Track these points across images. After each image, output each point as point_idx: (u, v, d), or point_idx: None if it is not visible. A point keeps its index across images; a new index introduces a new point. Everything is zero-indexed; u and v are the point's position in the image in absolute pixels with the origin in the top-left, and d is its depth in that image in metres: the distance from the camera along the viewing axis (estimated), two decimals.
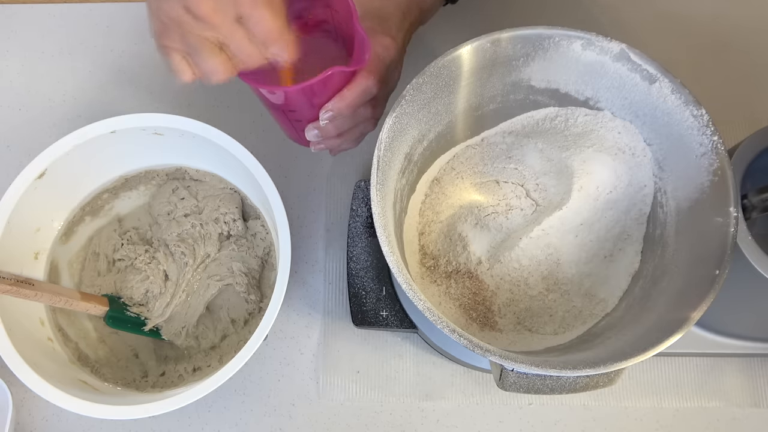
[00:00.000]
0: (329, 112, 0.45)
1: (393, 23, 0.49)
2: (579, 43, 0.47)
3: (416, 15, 0.52)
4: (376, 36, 0.47)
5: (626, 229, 0.50)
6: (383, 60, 0.46)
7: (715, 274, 0.41)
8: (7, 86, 0.68)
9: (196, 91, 0.67)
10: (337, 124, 0.47)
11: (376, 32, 0.47)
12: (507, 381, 0.42)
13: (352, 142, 0.50)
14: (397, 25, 0.49)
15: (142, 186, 0.60)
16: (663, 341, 0.40)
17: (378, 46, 0.46)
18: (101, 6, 0.71)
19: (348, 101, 0.45)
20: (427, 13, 0.54)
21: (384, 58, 0.46)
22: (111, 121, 0.53)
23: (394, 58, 0.47)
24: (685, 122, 0.45)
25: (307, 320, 0.61)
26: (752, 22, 0.70)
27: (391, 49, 0.47)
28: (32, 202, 0.53)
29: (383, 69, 0.46)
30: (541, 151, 0.52)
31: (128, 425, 0.59)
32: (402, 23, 0.50)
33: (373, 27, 0.47)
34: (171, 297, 0.57)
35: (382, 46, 0.47)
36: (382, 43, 0.47)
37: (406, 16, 0.50)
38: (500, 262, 0.50)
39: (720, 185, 0.43)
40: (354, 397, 0.59)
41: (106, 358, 0.56)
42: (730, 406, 0.59)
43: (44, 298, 0.51)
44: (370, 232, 0.59)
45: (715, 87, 0.66)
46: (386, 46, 0.47)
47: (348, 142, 0.50)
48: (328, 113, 0.45)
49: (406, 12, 0.50)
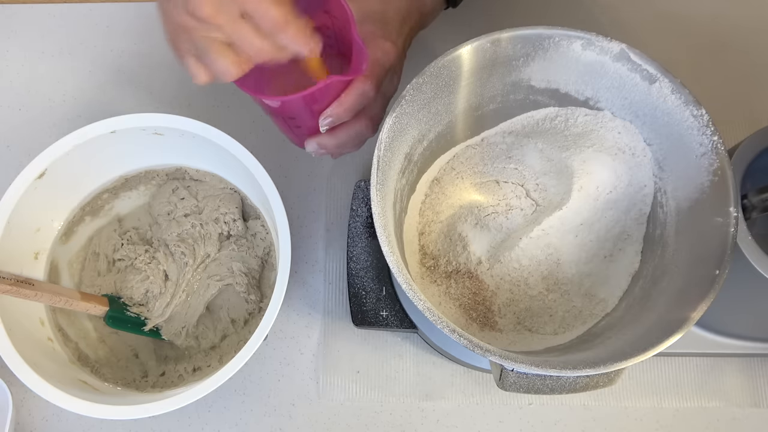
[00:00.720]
0: (329, 118, 0.45)
1: (393, 28, 0.49)
2: (579, 43, 0.47)
3: (416, 19, 0.52)
4: (377, 40, 0.47)
5: (626, 229, 0.50)
6: (383, 65, 0.47)
7: (715, 274, 0.41)
8: (7, 86, 0.68)
9: (196, 91, 0.67)
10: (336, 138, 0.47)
11: (376, 36, 0.47)
12: (507, 381, 0.42)
13: (353, 147, 0.50)
14: (398, 30, 0.49)
15: (142, 186, 0.60)
16: (663, 341, 0.40)
17: (378, 51, 0.46)
18: (101, 6, 0.71)
19: (346, 106, 0.45)
20: (427, 17, 0.54)
21: (383, 62, 0.47)
22: (111, 121, 0.53)
23: (393, 62, 0.47)
24: (685, 122, 0.45)
25: (307, 320, 0.61)
26: (752, 22, 0.70)
27: (391, 53, 0.47)
28: (32, 202, 0.53)
29: (382, 73, 0.46)
30: (541, 151, 0.52)
31: (128, 425, 0.59)
32: (402, 28, 0.50)
33: (373, 31, 0.47)
34: (171, 297, 0.57)
35: (382, 50, 0.47)
36: (382, 47, 0.47)
37: (406, 21, 0.50)
38: (500, 262, 0.50)
39: (720, 185, 0.43)
40: (354, 397, 0.59)
41: (106, 358, 0.56)
42: (730, 406, 0.59)
43: (44, 298, 0.51)
44: (370, 232, 0.59)
45: (715, 87, 0.66)
46: (386, 50, 0.47)
47: (348, 148, 0.50)
48: (328, 119, 0.45)
49: (406, 17, 0.50)
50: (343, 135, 0.48)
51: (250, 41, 0.39)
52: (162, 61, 0.68)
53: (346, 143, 0.49)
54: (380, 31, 0.48)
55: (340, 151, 0.50)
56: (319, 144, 0.48)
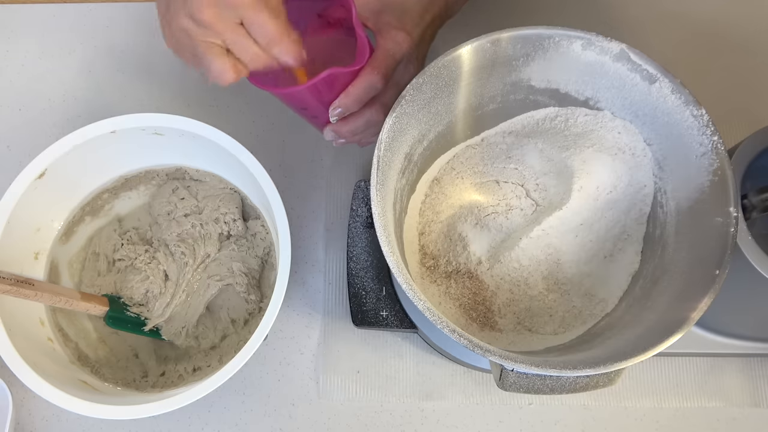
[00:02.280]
0: (338, 109, 0.47)
1: (411, 17, 0.49)
2: (579, 43, 0.47)
3: (440, 8, 0.52)
4: (390, 31, 0.47)
5: (626, 229, 0.50)
6: (393, 55, 0.47)
7: (715, 274, 0.41)
8: (7, 86, 0.68)
9: (196, 91, 0.67)
10: (350, 126, 0.49)
11: (391, 27, 0.48)
12: (507, 381, 0.42)
13: (370, 135, 0.52)
14: (415, 20, 0.49)
15: (142, 186, 0.60)
16: (663, 341, 0.40)
17: (389, 42, 0.47)
18: (101, 6, 0.71)
19: (353, 97, 0.46)
20: (453, 6, 0.54)
21: (394, 53, 0.47)
22: (111, 121, 0.53)
23: (406, 53, 0.48)
24: (685, 122, 0.45)
25: (307, 320, 0.61)
26: (752, 22, 0.70)
27: (403, 44, 0.47)
28: (32, 202, 0.53)
29: (391, 64, 0.47)
30: (541, 151, 0.52)
31: (128, 425, 0.59)
32: (422, 18, 0.50)
33: (389, 21, 0.48)
34: (171, 297, 0.57)
35: (394, 41, 0.47)
36: (395, 38, 0.47)
37: (428, 11, 0.50)
38: (500, 262, 0.50)
39: (720, 185, 0.43)
40: (354, 397, 0.59)
41: (106, 358, 0.56)
42: (730, 406, 0.59)
43: (44, 298, 0.51)
44: (370, 232, 0.59)
45: (715, 87, 0.66)
46: (398, 41, 0.47)
47: (366, 135, 0.52)
48: (337, 110, 0.47)
49: (428, 6, 0.50)
50: (355, 123, 0.49)
51: (247, 49, 0.41)
52: (162, 61, 0.68)
53: (359, 130, 0.50)
54: (396, 21, 0.48)
55: (358, 139, 0.52)
56: (334, 131, 0.50)
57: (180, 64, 0.68)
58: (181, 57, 0.44)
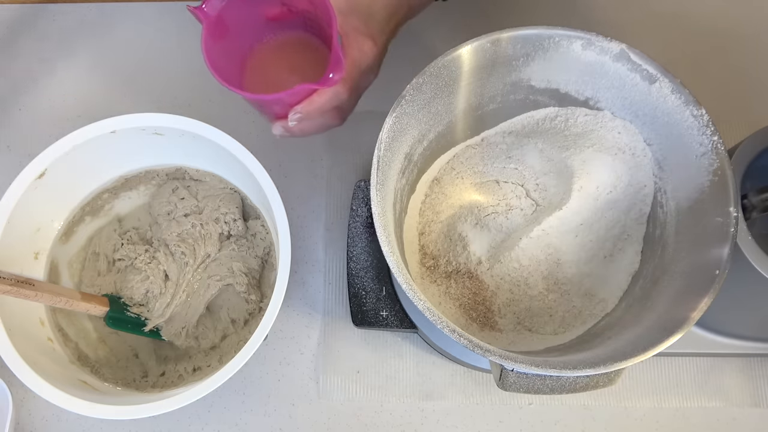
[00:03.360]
0: (298, 114, 0.46)
1: (377, 23, 0.48)
2: (579, 43, 0.47)
3: (404, 13, 0.51)
4: (358, 37, 0.47)
5: (626, 229, 0.50)
6: (358, 65, 0.46)
7: (715, 274, 0.41)
8: (7, 86, 0.68)
9: (196, 91, 0.67)
10: (304, 128, 0.48)
11: (358, 32, 0.47)
12: (507, 381, 0.42)
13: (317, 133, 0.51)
14: (381, 26, 0.49)
15: (142, 186, 0.60)
16: (663, 341, 0.40)
17: (356, 51, 0.46)
18: (101, 6, 0.71)
19: (316, 105, 0.46)
20: (416, 8, 0.53)
21: (359, 63, 0.46)
22: (111, 121, 0.53)
23: (370, 62, 0.47)
24: (685, 122, 0.45)
25: (307, 320, 0.61)
26: (752, 22, 0.70)
27: (369, 53, 0.47)
28: (32, 202, 0.53)
29: (356, 74, 0.46)
30: (541, 151, 0.52)
31: (128, 425, 0.59)
32: (387, 23, 0.49)
33: (357, 27, 0.47)
34: (171, 297, 0.57)
35: (360, 50, 0.46)
36: (362, 47, 0.47)
37: (393, 16, 0.50)
38: (500, 262, 0.50)
39: (720, 185, 0.43)
40: (354, 397, 0.59)
41: (106, 358, 0.56)
42: (730, 406, 0.59)
43: (44, 298, 0.51)
44: (370, 232, 0.59)
45: (715, 87, 0.66)
46: (365, 51, 0.47)
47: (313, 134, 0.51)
48: (297, 115, 0.46)
49: (394, 12, 0.50)
50: (310, 126, 0.49)
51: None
52: (162, 61, 0.68)
53: (312, 132, 0.50)
54: (363, 26, 0.47)
55: (303, 136, 0.51)
56: (284, 128, 0.49)
57: (180, 64, 0.68)
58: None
